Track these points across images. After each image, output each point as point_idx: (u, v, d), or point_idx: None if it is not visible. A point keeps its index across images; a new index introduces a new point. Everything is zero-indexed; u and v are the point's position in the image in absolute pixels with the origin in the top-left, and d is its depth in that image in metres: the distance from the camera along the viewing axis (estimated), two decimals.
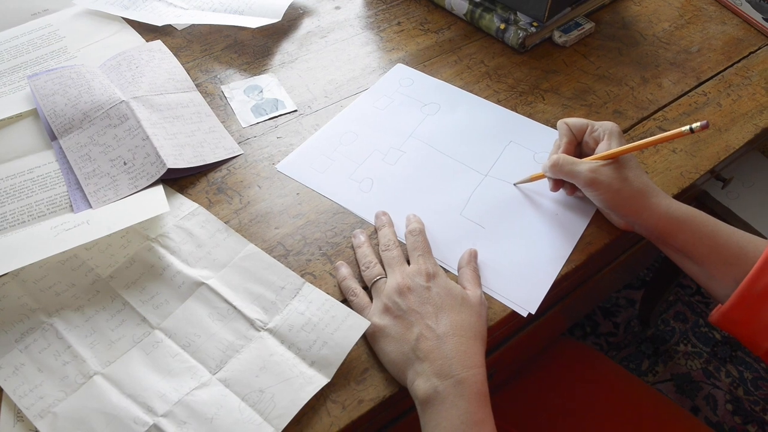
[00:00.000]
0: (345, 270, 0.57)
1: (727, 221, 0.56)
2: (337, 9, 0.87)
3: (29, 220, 0.61)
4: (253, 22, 0.79)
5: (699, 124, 0.51)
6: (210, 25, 0.83)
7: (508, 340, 0.65)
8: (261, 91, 0.75)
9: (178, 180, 0.65)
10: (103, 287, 0.56)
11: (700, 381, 1.29)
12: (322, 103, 0.74)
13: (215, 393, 0.50)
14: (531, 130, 0.71)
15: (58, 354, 0.52)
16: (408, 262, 0.57)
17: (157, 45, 0.78)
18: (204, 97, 0.73)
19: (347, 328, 0.52)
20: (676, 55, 0.80)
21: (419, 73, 0.77)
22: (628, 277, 1.39)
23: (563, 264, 0.59)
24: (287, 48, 0.81)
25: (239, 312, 0.54)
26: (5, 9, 0.85)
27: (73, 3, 0.85)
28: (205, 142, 0.68)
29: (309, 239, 0.61)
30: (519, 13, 0.80)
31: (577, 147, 0.63)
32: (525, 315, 0.56)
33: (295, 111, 0.73)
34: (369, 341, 0.53)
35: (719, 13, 0.87)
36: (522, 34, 0.78)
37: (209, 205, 0.63)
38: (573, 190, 0.62)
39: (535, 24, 0.78)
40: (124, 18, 0.83)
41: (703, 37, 0.83)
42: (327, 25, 0.84)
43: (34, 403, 0.49)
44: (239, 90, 0.75)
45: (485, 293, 0.57)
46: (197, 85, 0.75)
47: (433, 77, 0.77)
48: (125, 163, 0.64)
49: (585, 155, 0.62)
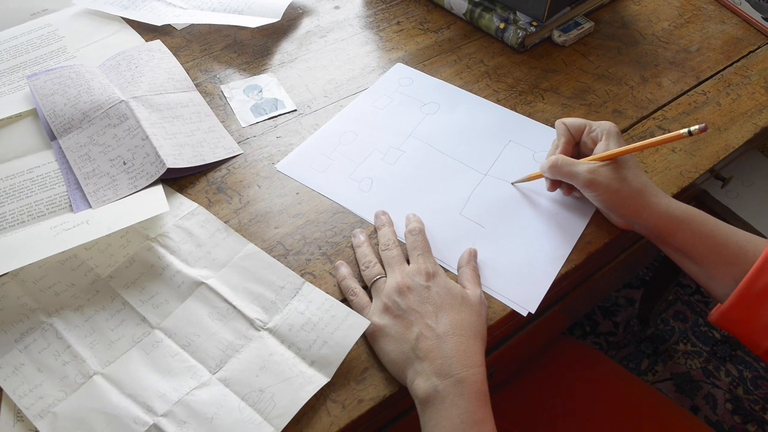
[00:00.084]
0: (345, 269, 0.57)
1: (727, 220, 0.56)
2: (337, 9, 0.87)
3: (29, 220, 0.61)
4: (253, 21, 0.79)
5: (697, 127, 0.51)
6: (209, 25, 0.83)
7: (507, 339, 0.65)
8: (260, 91, 0.75)
9: (177, 180, 0.65)
10: (103, 287, 0.56)
11: (699, 380, 1.29)
12: (321, 103, 0.74)
13: (215, 393, 0.50)
14: (530, 129, 0.71)
15: (57, 354, 0.52)
16: (408, 261, 0.57)
17: (157, 45, 0.78)
18: (203, 97, 0.73)
19: (347, 327, 0.52)
20: (675, 55, 0.80)
21: (419, 73, 0.77)
22: (627, 277, 1.39)
23: (563, 263, 0.59)
24: (287, 48, 0.81)
25: (239, 312, 0.54)
26: (4, 9, 0.85)
27: (73, 3, 0.85)
28: (205, 141, 0.68)
29: (309, 239, 0.61)
30: (518, 13, 0.80)
31: (575, 147, 0.63)
32: (525, 314, 0.56)
33: (295, 111, 0.73)
34: (369, 341, 0.53)
35: (718, 13, 0.87)
36: (521, 33, 0.78)
37: (209, 205, 0.63)
38: (570, 190, 0.62)
39: (535, 23, 0.78)
40: (123, 18, 0.83)
41: (703, 37, 0.83)
42: (326, 25, 0.84)
43: (33, 403, 0.49)
44: (239, 90, 0.75)
45: (485, 292, 0.57)
46: (197, 85, 0.75)
47: (433, 77, 0.77)
48: (125, 163, 0.64)
49: (583, 155, 0.62)
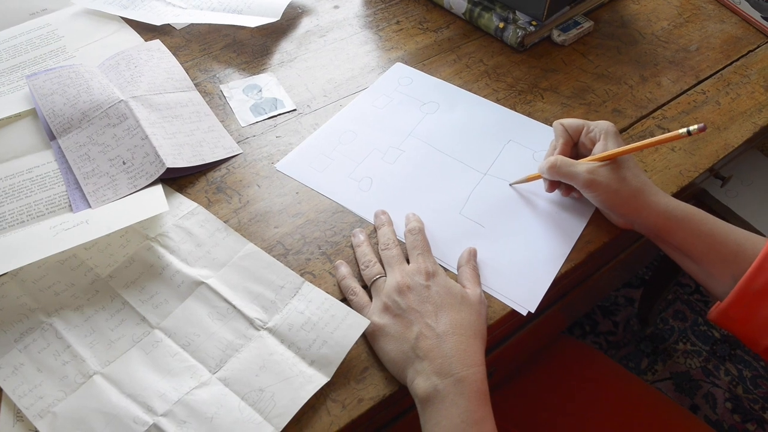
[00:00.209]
0: (344, 269, 0.57)
1: (726, 219, 0.56)
2: (336, 8, 0.87)
3: (28, 219, 0.61)
4: (252, 21, 0.79)
5: (696, 126, 0.51)
6: (209, 25, 0.83)
7: (507, 338, 0.65)
8: (260, 91, 0.75)
9: (177, 179, 0.65)
10: (103, 287, 0.56)
11: (699, 379, 1.29)
12: (321, 102, 0.74)
13: (215, 392, 0.50)
14: (530, 128, 0.71)
15: (57, 354, 0.52)
16: (407, 260, 0.57)
17: (156, 44, 0.78)
18: (203, 97, 0.73)
19: (347, 327, 0.52)
20: (674, 54, 0.80)
21: (418, 72, 0.77)
22: (627, 276, 1.39)
23: (563, 263, 0.59)
24: (286, 47, 0.81)
25: (239, 311, 0.54)
26: (4, 8, 0.85)
27: (72, 2, 0.84)
28: (204, 141, 0.68)
29: (308, 238, 0.61)
30: (518, 12, 0.80)
31: (574, 148, 0.63)
32: (524, 314, 0.56)
33: (294, 110, 0.73)
34: (369, 340, 0.53)
35: (718, 12, 0.87)
36: (521, 32, 0.78)
37: (208, 205, 0.63)
38: (568, 191, 0.62)
39: (534, 23, 0.78)
40: (122, 17, 0.83)
41: (702, 36, 0.83)
42: (326, 25, 0.84)
43: (33, 403, 0.49)
44: (238, 89, 0.75)
45: (485, 292, 0.57)
46: (196, 85, 0.75)
47: (432, 76, 0.77)
48: (124, 163, 0.64)
49: (581, 156, 0.61)
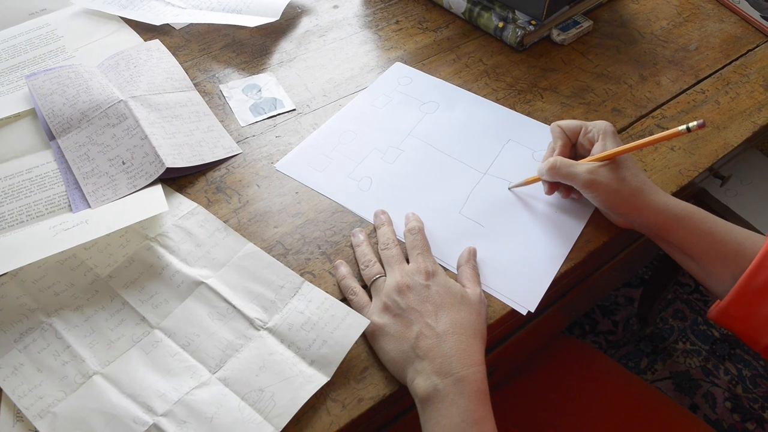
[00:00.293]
0: (344, 269, 0.57)
1: (726, 219, 0.56)
2: (336, 8, 0.87)
3: (28, 220, 0.61)
4: (252, 21, 0.79)
5: (696, 123, 0.51)
6: (208, 24, 0.83)
7: (507, 338, 0.65)
8: (259, 90, 0.74)
9: (176, 179, 0.65)
10: (102, 287, 0.56)
11: (698, 379, 1.29)
12: (320, 102, 0.74)
13: (215, 392, 0.50)
14: (529, 128, 0.71)
15: (57, 354, 0.52)
16: (407, 260, 0.57)
17: (156, 44, 0.78)
18: (202, 97, 0.73)
19: (347, 326, 0.52)
20: (674, 53, 0.80)
21: (418, 72, 0.77)
22: (626, 276, 1.39)
23: (562, 262, 0.59)
24: (285, 47, 0.81)
25: (238, 311, 0.54)
26: (3, 8, 0.85)
27: (71, 2, 0.84)
28: (204, 141, 0.68)
29: (308, 238, 0.61)
30: (517, 12, 0.80)
31: (572, 149, 0.62)
32: (524, 313, 0.56)
33: (294, 110, 0.73)
34: (368, 340, 0.53)
35: (717, 11, 0.87)
36: (520, 32, 0.78)
37: (208, 205, 0.63)
38: (568, 192, 0.62)
39: (534, 22, 0.78)
40: (122, 17, 0.83)
41: (702, 35, 0.83)
42: (325, 24, 0.84)
43: (33, 403, 0.49)
44: (238, 89, 0.75)
45: (484, 291, 0.57)
46: (195, 85, 0.75)
47: (432, 76, 0.77)
48: (124, 163, 0.64)
49: (580, 157, 0.61)
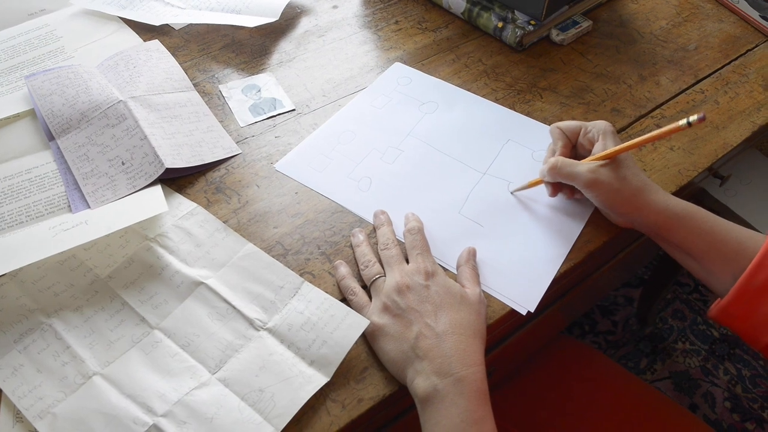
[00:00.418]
0: (344, 269, 0.57)
1: (725, 218, 0.56)
2: (335, 8, 0.87)
3: (27, 220, 0.61)
4: (251, 21, 0.79)
5: (696, 117, 0.51)
6: (207, 25, 0.83)
7: (507, 338, 0.65)
8: (259, 91, 0.74)
9: (176, 180, 0.65)
10: (102, 287, 0.56)
11: (698, 379, 1.29)
12: (320, 102, 0.74)
13: (215, 393, 0.50)
14: (529, 128, 0.71)
15: (57, 354, 0.52)
16: (407, 260, 0.57)
17: (155, 45, 0.78)
18: (202, 97, 0.73)
19: (346, 327, 0.52)
20: (673, 53, 0.80)
21: (417, 72, 0.77)
22: (626, 276, 1.39)
23: (562, 262, 0.59)
24: (285, 47, 0.81)
25: (238, 311, 0.54)
26: (2, 9, 0.84)
27: (70, 3, 0.84)
28: (204, 141, 0.68)
29: (308, 238, 0.61)
30: (516, 12, 0.80)
31: (572, 150, 0.62)
32: (524, 313, 0.56)
33: (293, 110, 0.73)
34: (368, 340, 0.53)
35: (716, 11, 0.87)
36: (519, 32, 0.78)
37: (208, 205, 0.63)
38: (572, 193, 0.62)
39: (533, 22, 0.78)
40: (121, 18, 0.83)
41: (701, 35, 0.83)
42: (325, 24, 0.84)
43: (33, 404, 0.49)
44: (237, 89, 0.75)
45: (484, 291, 0.57)
46: (195, 85, 0.75)
47: (431, 76, 0.77)
48: (123, 163, 0.64)
49: (580, 158, 0.61)
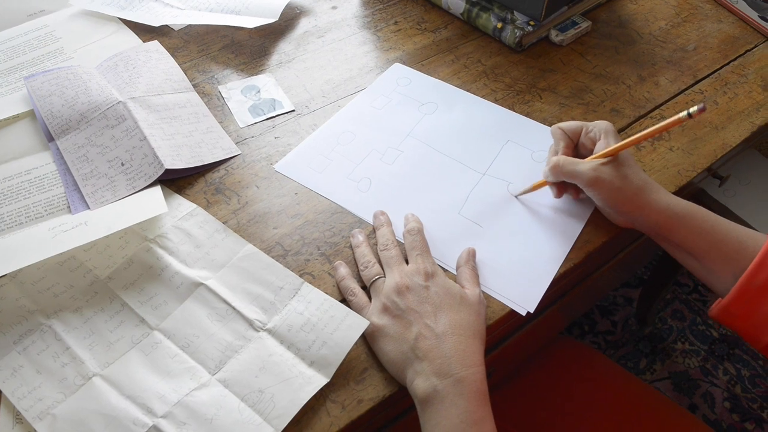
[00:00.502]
0: (343, 270, 0.57)
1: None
2: (334, 9, 0.87)
3: (27, 221, 0.61)
4: (250, 22, 0.79)
5: (696, 107, 0.51)
6: (207, 26, 0.83)
7: (506, 338, 0.65)
8: (258, 91, 0.74)
9: (176, 180, 0.65)
10: (102, 288, 0.56)
11: (697, 379, 1.29)
12: (319, 103, 0.74)
13: (215, 393, 0.50)
14: (528, 129, 0.71)
15: (56, 355, 0.52)
16: (406, 261, 0.57)
17: (154, 45, 0.78)
18: (201, 98, 0.73)
19: (346, 327, 0.52)
20: (672, 54, 0.80)
21: (416, 73, 0.77)
22: (626, 276, 1.39)
23: (561, 262, 0.59)
24: (284, 48, 0.81)
25: (238, 312, 0.54)
26: (1, 10, 0.84)
27: (70, 4, 0.84)
28: (203, 142, 0.68)
29: (307, 239, 0.61)
30: (516, 12, 0.80)
31: (574, 150, 0.63)
32: (524, 314, 0.56)
33: (293, 111, 0.73)
34: (368, 341, 0.53)
35: (715, 12, 0.87)
36: (519, 33, 0.78)
37: (207, 206, 0.63)
38: (577, 194, 0.62)
39: (532, 23, 0.78)
40: (120, 19, 0.83)
41: (700, 36, 0.83)
42: (324, 25, 0.84)
43: (33, 405, 0.49)
44: (236, 90, 0.75)
45: (484, 292, 0.57)
46: (194, 86, 0.75)
47: (431, 76, 0.77)
48: (123, 164, 0.64)
49: (582, 157, 0.61)
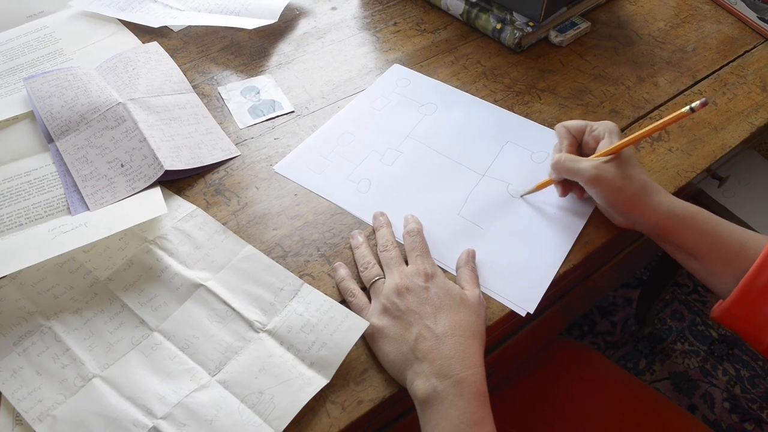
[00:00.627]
0: (343, 271, 0.57)
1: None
2: (334, 10, 0.87)
3: (26, 222, 0.61)
4: (250, 23, 0.79)
5: (698, 102, 0.51)
6: (206, 27, 0.83)
7: (506, 339, 0.65)
8: (258, 93, 0.75)
9: (175, 182, 0.65)
10: (102, 289, 0.56)
11: (697, 379, 1.29)
12: (319, 104, 0.74)
13: (215, 395, 0.50)
14: (528, 129, 0.71)
15: (56, 357, 0.52)
16: (406, 262, 0.57)
17: (154, 47, 0.78)
18: (201, 99, 0.73)
19: (346, 328, 0.52)
20: (671, 54, 0.81)
21: (416, 74, 0.77)
22: (625, 276, 1.39)
23: (561, 263, 0.59)
24: (284, 49, 0.81)
25: (238, 313, 0.54)
26: (1, 11, 0.84)
27: (69, 5, 0.84)
28: (203, 143, 0.68)
29: (307, 240, 0.61)
30: (515, 13, 0.80)
31: (578, 149, 0.63)
32: (523, 314, 0.56)
33: (293, 112, 0.73)
34: (368, 342, 0.53)
35: (714, 12, 0.87)
36: (518, 34, 0.78)
37: (207, 207, 0.63)
38: (582, 192, 0.62)
39: (531, 24, 0.79)
40: (120, 20, 0.83)
41: (699, 36, 0.83)
42: (323, 26, 0.84)
43: (32, 407, 0.49)
44: (236, 91, 0.75)
45: (483, 293, 0.57)
46: (194, 87, 0.75)
47: (430, 77, 0.77)
48: (122, 165, 0.64)
49: (586, 156, 0.61)
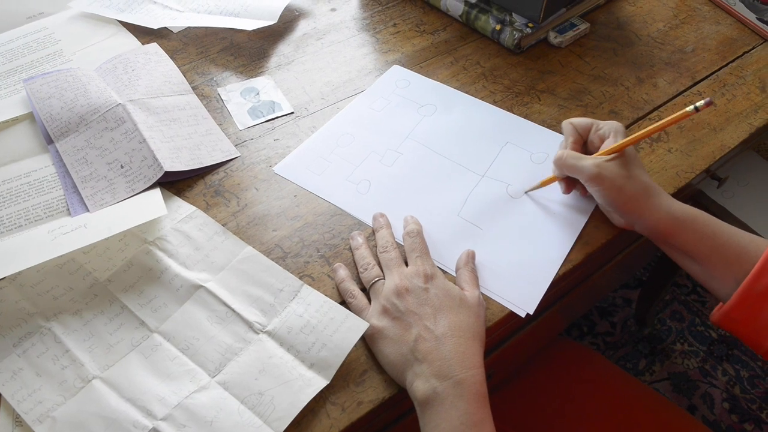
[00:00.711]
0: (343, 272, 0.58)
1: (723, 221, 0.56)
2: (333, 11, 0.87)
3: (26, 224, 0.61)
4: (249, 24, 0.79)
5: (703, 102, 0.51)
6: (206, 28, 0.83)
7: (506, 340, 0.65)
8: (257, 94, 0.75)
9: (175, 183, 0.65)
10: (101, 291, 0.56)
11: (696, 380, 1.29)
12: (318, 105, 0.74)
13: (214, 396, 0.50)
14: (527, 130, 0.71)
15: (56, 358, 0.52)
16: (406, 263, 0.57)
17: (153, 48, 0.78)
18: (200, 100, 0.73)
19: (346, 329, 0.52)
20: (670, 55, 0.81)
21: (415, 75, 0.77)
22: (625, 277, 1.39)
23: (561, 264, 0.59)
24: (283, 50, 0.81)
25: (238, 315, 0.54)
26: (1, 12, 0.84)
27: (69, 6, 0.84)
28: (202, 144, 0.68)
29: (307, 241, 0.61)
30: (514, 14, 0.80)
31: (583, 147, 0.63)
32: (523, 315, 0.56)
33: (292, 113, 0.73)
34: (368, 343, 0.53)
35: (713, 13, 0.87)
36: (517, 35, 0.78)
37: (207, 208, 0.63)
38: (585, 190, 0.62)
39: (531, 25, 0.79)
40: (119, 21, 0.83)
41: (698, 37, 0.83)
42: (323, 27, 0.84)
43: (32, 408, 0.49)
44: (236, 92, 0.75)
45: (483, 294, 0.57)
46: (194, 88, 0.75)
47: (430, 78, 0.77)
48: (122, 167, 0.64)
49: (590, 154, 0.61)
